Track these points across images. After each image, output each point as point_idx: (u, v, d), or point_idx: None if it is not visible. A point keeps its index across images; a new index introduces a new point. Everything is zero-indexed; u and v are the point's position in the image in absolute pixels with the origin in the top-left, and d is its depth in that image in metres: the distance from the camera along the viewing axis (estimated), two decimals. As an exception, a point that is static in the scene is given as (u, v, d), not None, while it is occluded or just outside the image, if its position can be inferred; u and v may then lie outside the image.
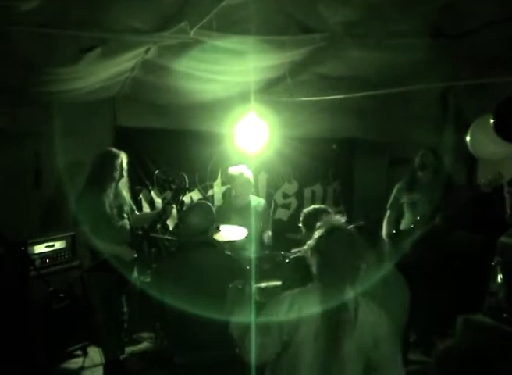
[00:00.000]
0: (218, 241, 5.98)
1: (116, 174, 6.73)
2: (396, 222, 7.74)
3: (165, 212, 7.18)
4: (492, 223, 6.12)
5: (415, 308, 4.82)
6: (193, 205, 6.05)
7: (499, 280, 5.37)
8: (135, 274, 6.93)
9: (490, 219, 6.20)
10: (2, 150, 7.60)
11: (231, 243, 6.65)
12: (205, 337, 4.79)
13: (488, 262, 5.90)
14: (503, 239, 5.63)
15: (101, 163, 6.71)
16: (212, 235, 5.47)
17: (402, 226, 7.63)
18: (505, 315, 5.19)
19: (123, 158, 6.80)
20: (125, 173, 6.88)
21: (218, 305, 4.63)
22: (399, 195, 7.86)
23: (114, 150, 6.85)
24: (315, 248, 3.99)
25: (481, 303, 5.93)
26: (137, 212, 7.47)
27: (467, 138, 7.59)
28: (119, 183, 6.87)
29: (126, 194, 7.03)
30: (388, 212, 7.94)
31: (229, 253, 5.51)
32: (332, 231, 4.03)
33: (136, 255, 6.69)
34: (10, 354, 6.64)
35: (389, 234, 7.67)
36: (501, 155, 7.39)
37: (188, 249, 5.24)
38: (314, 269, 3.99)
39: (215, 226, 5.55)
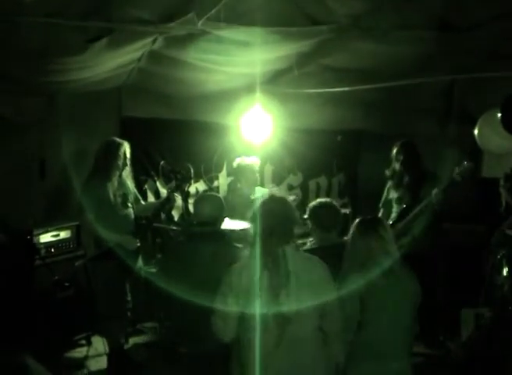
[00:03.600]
0: (227, 233, 5.98)
1: (120, 163, 6.80)
2: (387, 219, 7.73)
3: (169, 201, 7.21)
4: (494, 214, 6.14)
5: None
6: (205, 196, 6.06)
7: (504, 273, 5.38)
8: (139, 263, 6.96)
9: (492, 211, 6.21)
10: (7, 139, 7.62)
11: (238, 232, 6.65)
12: (210, 328, 4.80)
13: (490, 254, 5.91)
14: (509, 232, 5.63)
15: (105, 152, 6.77)
16: (221, 226, 5.48)
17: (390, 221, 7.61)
18: (510, 308, 5.20)
19: (126, 148, 6.86)
20: (128, 162, 6.92)
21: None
22: (387, 193, 7.93)
23: (117, 139, 6.91)
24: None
25: (484, 295, 5.94)
26: (143, 202, 7.48)
27: (475, 132, 7.59)
28: (123, 173, 6.92)
29: (130, 183, 7.07)
30: (381, 211, 7.95)
31: (238, 245, 5.51)
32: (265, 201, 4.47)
33: (139, 244, 6.72)
34: (14, 342, 6.66)
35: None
36: (508, 149, 7.40)
37: (197, 240, 5.25)
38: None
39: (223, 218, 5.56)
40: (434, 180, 7.19)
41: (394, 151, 7.66)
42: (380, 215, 7.81)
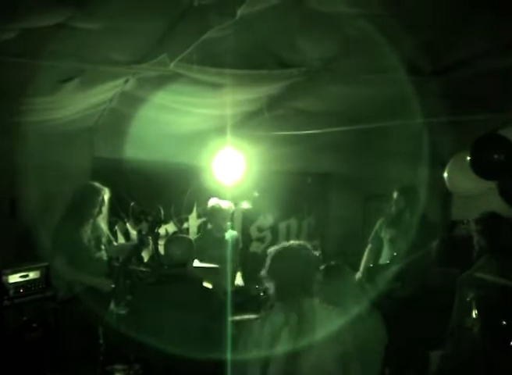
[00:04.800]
0: (196, 274, 5.97)
1: (96, 211, 6.74)
2: (376, 255, 7.84)
3: (142, 244, 7.16)
4: (468, 258, 6.17)
5: (390, 343, 4.85)
6: (174, 238, 6.05)
7: (473, 315, 5.39)
8: (112, 306, 6.90)
9: (466, 255, 6.24)
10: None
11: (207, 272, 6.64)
12: (180, 371, 4.76)
13: (458, 295, 5.94)
14: (478, 274, 5.66)
15: (82, 198, 6.70)
16: (191, 268, 5.47)
17: (380, 261, 7.68)
18: (479, 350, 5.21)
19: (105, 195, 6.80)
20: (104, 209, 6.86)
21: (194, 341, 4.63)
22: (379, 230, 7.92)
23: (97, 185, 6.82)
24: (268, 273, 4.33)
25: (453, 337, 5.94)
26: (115, 243, 7.44)
27: (445, 174, 7.64)
28: (98, 217, 6.86)
29: (103, 226, 7.02)
30: (369, 246, 8.00)
31: (207, 286, 5.50)
32: (280, 252, 4.34)
33: (113, 286, 6.67)
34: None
35: (367, 267, 7.72)
36: (477, 192, 7.45)
37: (167, 282, 5.23)
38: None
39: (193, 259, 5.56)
40: (430, 227, 7.29)
41: (395, 194, 7.73)
42: (367, 250, 7.94)
